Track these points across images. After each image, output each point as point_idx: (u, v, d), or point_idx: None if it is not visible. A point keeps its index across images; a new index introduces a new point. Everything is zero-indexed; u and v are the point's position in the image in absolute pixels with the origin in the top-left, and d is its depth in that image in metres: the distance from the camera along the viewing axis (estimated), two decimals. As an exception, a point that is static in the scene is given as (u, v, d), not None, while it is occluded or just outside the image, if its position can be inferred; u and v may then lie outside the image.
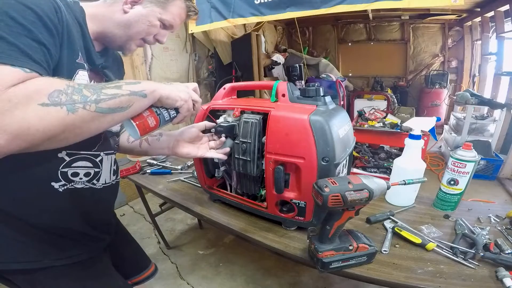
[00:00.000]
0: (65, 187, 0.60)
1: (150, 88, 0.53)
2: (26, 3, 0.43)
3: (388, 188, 0.63)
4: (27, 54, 0.42)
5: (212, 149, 0.84)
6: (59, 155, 0.57)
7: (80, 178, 0.62)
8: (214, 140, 0.85)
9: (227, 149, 0.84)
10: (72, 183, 0.60)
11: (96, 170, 0.65)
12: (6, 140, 0.36)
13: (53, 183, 0.58)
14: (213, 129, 0.87)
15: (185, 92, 0.61)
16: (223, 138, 0.85)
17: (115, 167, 0.73)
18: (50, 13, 0.46)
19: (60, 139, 0.42)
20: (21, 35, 0.42)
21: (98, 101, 0.45)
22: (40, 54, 0.44)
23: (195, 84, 0.68)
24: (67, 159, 0.59)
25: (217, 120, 0.93)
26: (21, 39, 0.41)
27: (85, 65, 0.57)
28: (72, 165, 0.60)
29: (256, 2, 1.93)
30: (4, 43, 0.40)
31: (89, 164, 0.63)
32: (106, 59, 0.68)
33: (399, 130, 2.17)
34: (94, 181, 0.65)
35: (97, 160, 0.65)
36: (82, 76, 0.56)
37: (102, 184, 0.67)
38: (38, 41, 0.44)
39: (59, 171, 0.58)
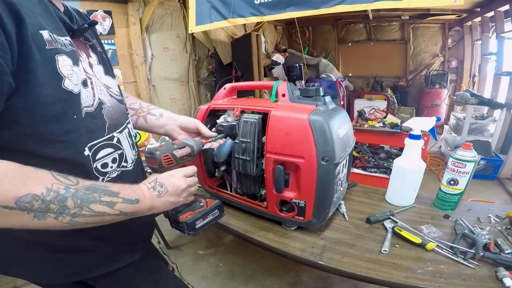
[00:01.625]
0: (104, 181, 0.57)
1: (144, 207, 0.51)
2: None
3: (203, 146, 0.71)
4: None
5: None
6: (85, 153, 0.52)
7: (111, 167, 0.58)
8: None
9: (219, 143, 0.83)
10: (108, 174, 0.58)
11: (119, 152, 0.61)
12: None
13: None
14: (213, 129, 0.87)
15: (183, 196, 0.60)
16: (221, 140, 0.84)
17: (131, 141, 0.66)
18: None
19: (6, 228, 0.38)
20: None
21: (77, 215, 0.41)
22: None
23: (193, 170, 0.65)
24: (90, 153, 0.54)
25: (217, 120, 0.93)
26: None
27: (64, 41, 0.48)
28: (97, 158, 0.55)
29: (256, 2, 1.93)
30: None
31: (111, 150, 0.59)
32: (74, 19, 0.57)
33: (399, 130, 2.17)
34: (123, 164, 0.62)
35: (114, 142, 0.60)
36: (63, 62, 0.46)
37: (131, 163, 0.65)
38: None
39: (93, 169, 0.54)
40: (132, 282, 0.69)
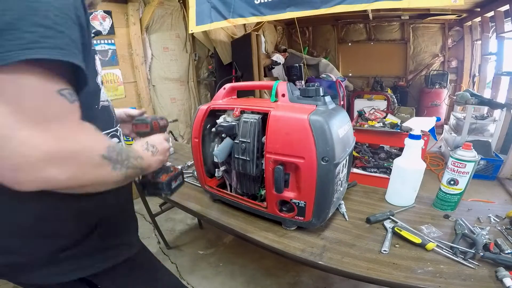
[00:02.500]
0: None
1: (145, 164, 0.55)
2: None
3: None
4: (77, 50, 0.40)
5: None
6: None
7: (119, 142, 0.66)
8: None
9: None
10: None
11: (114, 129, 0.66)
12: (66, 178, 0.37)
13: None
14: (213, 129, 0.87)
15: (168, 152, 0.66)
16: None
17: (122, 137, 0.73)
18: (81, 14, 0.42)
19: (91, 189, 0.44)
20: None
21: (125, 167, 0.47)
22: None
23: (168, 135, 0.70)
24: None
25: (217, 120, 0.93)
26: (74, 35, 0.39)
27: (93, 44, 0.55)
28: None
29: (256, 2, 1.93)
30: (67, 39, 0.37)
31: (117, 140, 0.66)
32: None
33: (399, 130, 2.17)
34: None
35: (119, 134, 0.67)
36: (98, 61, 0.56)
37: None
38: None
39: None
40: (131, 277, 0.70)
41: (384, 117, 2.47)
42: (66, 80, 0.38)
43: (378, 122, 2.37)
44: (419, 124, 1.01)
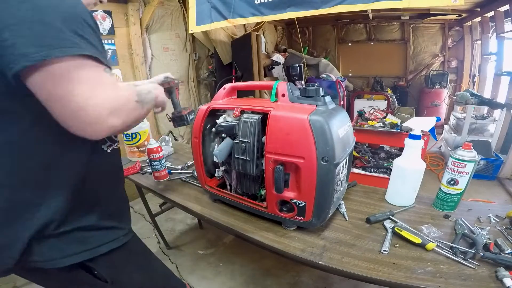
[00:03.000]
0: (111, 147, 0.68)
1: (157, 99, 0.69)
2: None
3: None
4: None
5: None
6: None
7: (115, 136, 0.71)
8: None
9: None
10: (117, 143, 0.71)
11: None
12: (122, 123, 0.52)
13: (103, 146, 0.66)
14: (213, 129, 0.88)
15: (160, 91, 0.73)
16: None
17: None
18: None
19: (130, 127, 0.58)
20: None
21: (146, 103, 0.61)
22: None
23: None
24: None
25: (217, 120, 0.94)
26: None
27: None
28: None
29: (256, 2, 1.93)
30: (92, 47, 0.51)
31: None
32: None
33: (399, 130, 2.17)
34: (114, 146, 0.72)
35: None
36: None
37: (116, 144, 0.75)
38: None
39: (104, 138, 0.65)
40: (127, 264, 0.71)
41: (384, 117, 2.47)
42: (102, 64, 0.52)
43: (378, 122, 2.37)
44: (419, 124, 1.01)
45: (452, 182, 0.88)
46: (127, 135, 1.47)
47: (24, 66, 0.42)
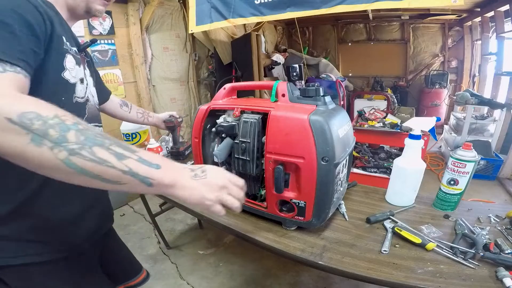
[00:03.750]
0: None
1: (165, 178, 0.44)
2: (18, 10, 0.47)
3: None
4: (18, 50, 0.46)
5: None
6: None
7: None
8: None
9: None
10: None
11: None
12: None
13: None
14: (213, 129, 0.88)
15: (216, 194, 0.52)
16: None
17: None
18: (32, 17, 0.49)
19: (15, 162, 0.37)
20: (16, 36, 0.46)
21: (75, 153, 0.37)
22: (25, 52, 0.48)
23: (242, 182, 0.58)
24: None
25: (217, 120, 0.93)
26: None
27: (73, 49, 0.63)
28: None
29: (256, 2, 1.93)
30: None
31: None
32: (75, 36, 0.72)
33: (399, 130, 2.17)
34: None
35: None
36: (69, 59, 0.61)
37: None
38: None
39: None
40: (44, 285, 0.64)
41: (384, 117, 2.47)
42: None
43: (378, 122, 2.37)
44: (419, 124, 1.01)
45: (452, 182, 0.88)
46: (127, 135, 1.48)
47: None
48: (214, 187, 0.51)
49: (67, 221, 0.65)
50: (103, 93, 1.00)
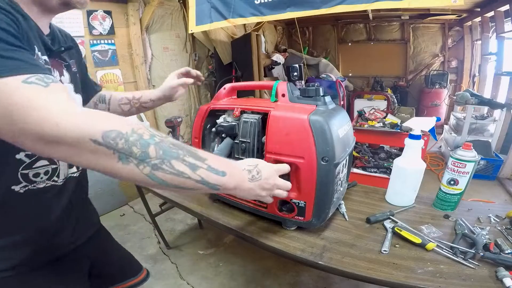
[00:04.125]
0: (27, 188, 0.56)
1: (229, 184, 0.51)
2: None
3: None
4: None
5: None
6: (17, 156, 0.53)
7: (41, 178, 0.58)
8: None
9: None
10: (34, 184, 0.58)
11: (54, 166, 0.60)
12: (41, 149, 0.37)
13: (13, 187, 0.54)
14: (213, 129, 0.88)
15: (268, 191, 0.62)
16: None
17: None
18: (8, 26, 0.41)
19: (108, 176, 0.41)
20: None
21: (157, 168, 0.41)
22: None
23: (287, 168, 0.69)
24: (27, 160, 0.55)
25: (217, 120, 0.93)
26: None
27: (43, 58, 0.53)
28: (33, 166, 0.56)
29: (256, 2, 1.93)
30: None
31: (46, 162, 0.59)
32: (56, 40, 0.63)
33: (399, 130, 2.17)
34: (55, 178, 0.61)
35: None
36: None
37: (62, 179, 0.63)
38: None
39: (19, 173, 0.54)
40: None
41: (384, 117, 2.47)
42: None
43: (378, 122, 2.37)
44: (419, 124, 1.01)
45: (452, 182, 0.88)
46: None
47: None
48: (266, 186, 0.61)
49: (38, 232, 0.61)
50: (87, 90, 0.83)
